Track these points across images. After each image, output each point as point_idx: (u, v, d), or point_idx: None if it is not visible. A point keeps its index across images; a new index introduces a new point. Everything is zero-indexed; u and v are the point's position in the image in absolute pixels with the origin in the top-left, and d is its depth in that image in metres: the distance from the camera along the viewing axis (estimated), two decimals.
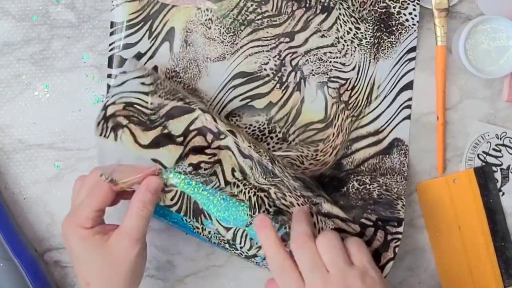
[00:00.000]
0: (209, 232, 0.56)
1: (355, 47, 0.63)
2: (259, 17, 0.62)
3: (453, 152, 0.65)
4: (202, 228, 0.56)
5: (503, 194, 0.65)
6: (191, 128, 0.56)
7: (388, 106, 0.64)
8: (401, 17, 0.63)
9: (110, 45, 0.62)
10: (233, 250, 0.56)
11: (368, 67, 0.63)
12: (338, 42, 0.63)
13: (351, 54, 0.63)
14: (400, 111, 0.64)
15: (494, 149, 0.65)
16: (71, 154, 0.63)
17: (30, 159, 0.63)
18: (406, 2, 0.63)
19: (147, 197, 0.52)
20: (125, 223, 0.52)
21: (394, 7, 0.63)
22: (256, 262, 0.57)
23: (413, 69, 0.64)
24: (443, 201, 0.64)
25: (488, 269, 0.64)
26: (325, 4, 0.62)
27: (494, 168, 0.65)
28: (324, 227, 0.56)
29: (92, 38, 0.63)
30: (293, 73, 0.63)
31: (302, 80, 0.63)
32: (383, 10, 0.63)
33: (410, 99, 0.64)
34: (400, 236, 0.59)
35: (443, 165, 0.65)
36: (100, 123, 0.57)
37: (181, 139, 0.56)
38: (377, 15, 0.63)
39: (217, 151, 0.56)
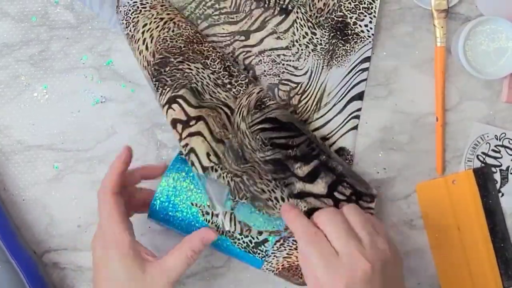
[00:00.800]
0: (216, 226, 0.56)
1: (310, 52, 0.63)
2: (217, 12, 0.63)
3: (453, 153, 0.65)
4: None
5: (503, 195, 0.65)
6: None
7: (337, 115, 0.64)
8: (357, 27, 0.63)
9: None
10: (242, 237, 0.56)
11: (321, 73, 0.63)
12: (293, 45, 0.63)
13: (305, 59, 0.63)
14: (348, 120, 0.64)
15: (493, 150, 0.65)
16: (70, 155, 0.63)
17: (29, 160, 0.63)
18: (363, 13, 0.63)
19: (199, 248, 0.54)
20: (170, 262, 0.53)
21: (351, 18, 0.63)
22: (265, 253, 0.56)
23: (365, 79, 0.64)
24: (442, 202, 0.64)
25: (487, 270, 0.64)
26: (284, 6, 0.63)
27: (493, 169, 0.65)
28: None
29: (91, 39, 0.63)
30: (245, 72, 0.63)
31: (254, 80, 0.63)
32: (340, 19, 0.63)
33: (359, 109, 0.64)
34: (372, 211, 0.59)
35: (442, 166, 0.65)
36: None
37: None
38: (333, 22, 0.63)
39: (188, 140, 0.55)
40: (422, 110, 0.65)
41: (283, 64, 0.63)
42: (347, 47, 0.63)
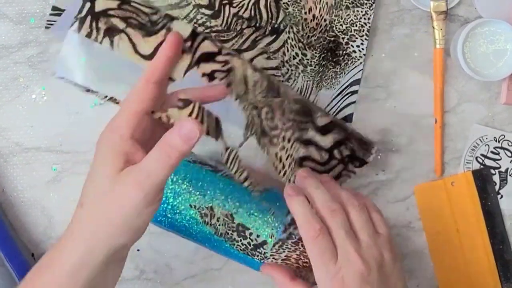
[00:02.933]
0: (218, 219, 0.55)
1: (299, 73, 0.63)
2: (207, 30, 0.62)
3: (452, 155, 0.65)
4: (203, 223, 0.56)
5: (502, 197, 0.65)
6: (198, 30, 0.51)
7: None
8: (349, 48, 0.63)
9: None
10: (241, 239, 0.56)
11: (310, 94, 0.63)
12: (283, 65, 0.63)
13: (294, 79, 0.63)
14: None
15: (492, 152, 0.65)
16: (68, 157, 0.63)
17: (27, 162, 0.63)
18: (355, 36, 0.63)
19: (180, 146, 0.43)
20: (147, 166, 0.43)
21: (343, 38, 0.63)
22: (263, 256, 0.56)
23: (354, 102, 0.64)
24: (441, 204, 0.64)
25: (486, 272, 0.64)
26: (275, 26, 0.62)
27: (492, 171, 0.65)
28: (294, 153, 0.57)
29: None
30: None
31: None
32: (332, 39, 0.63)
33: None
34: (352, 174, 0.59)
35: (441, 168, 0.65)
36: (85, 19, 0.49)
37: (189, 43, 0.50)
38: (325, 42, 0.63)
39: (229, 58, 0.52)
40: (421, 112, 0.65)
41: None
42: (337, 69, 0.63)
